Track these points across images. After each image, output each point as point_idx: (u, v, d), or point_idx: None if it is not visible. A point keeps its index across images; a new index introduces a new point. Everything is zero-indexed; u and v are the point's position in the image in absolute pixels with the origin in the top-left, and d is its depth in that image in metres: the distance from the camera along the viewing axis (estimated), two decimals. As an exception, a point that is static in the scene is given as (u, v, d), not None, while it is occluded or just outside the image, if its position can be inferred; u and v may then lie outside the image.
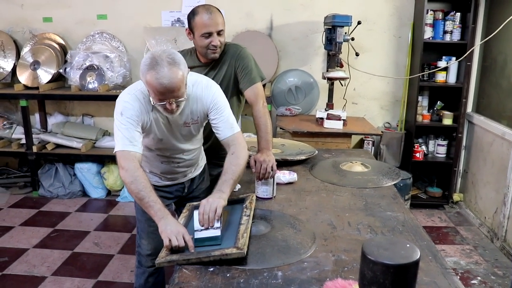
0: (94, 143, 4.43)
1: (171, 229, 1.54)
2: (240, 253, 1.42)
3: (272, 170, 2.00)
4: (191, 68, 2.25)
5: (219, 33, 2.18)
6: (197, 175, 2.27)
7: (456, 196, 4.32)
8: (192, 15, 2.19)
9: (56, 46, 4.37)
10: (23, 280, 2.97)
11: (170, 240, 1.51)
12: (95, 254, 3.35)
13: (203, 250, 1.48)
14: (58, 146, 4.40)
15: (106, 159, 4.39)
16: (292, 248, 1.54)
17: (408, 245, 1.11)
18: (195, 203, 1.94)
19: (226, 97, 2.35)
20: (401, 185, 3.65)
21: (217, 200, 1.65)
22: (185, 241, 1.52)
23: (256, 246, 1.54)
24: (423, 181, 4.50)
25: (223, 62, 2.32)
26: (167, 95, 1.67)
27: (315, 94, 4.32)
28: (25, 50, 4.40)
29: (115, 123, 1.77)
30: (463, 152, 4.30)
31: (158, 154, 2.02)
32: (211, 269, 1.42)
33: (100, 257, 3.30)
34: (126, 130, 1.73)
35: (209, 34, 2.16)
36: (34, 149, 4.30)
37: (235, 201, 1.89)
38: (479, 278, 3.11)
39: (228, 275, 1.38)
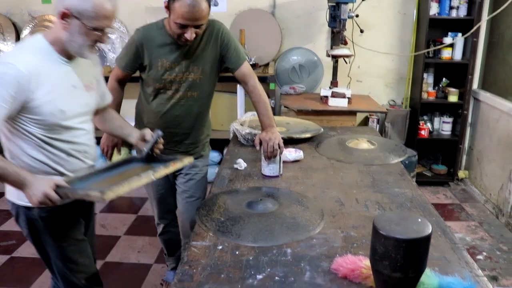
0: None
1: (37, 193, 1.43)
2: (100, 198, 1.36)
3: (279, 147, 1.98)
4: (163, 45, 2.07)
5: (197, 26, 1.95)
6: None
7: (461, 173, 4.31)
8: None
9: (57, 27, 4.32)
10: (31, 263, 2.99)
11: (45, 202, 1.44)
12: (102, 235, 3.36)
13: (78, 188, 1.47)
14: (61, 128, 4.38)
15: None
16: (301, 225, 1.53)
17: (419, 220, 1.10)
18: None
19: (212, 77, 2.23)
20: (407, 162, 3.63)
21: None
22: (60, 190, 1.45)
23: (264, 224, 1.53)
24: (428, 159, 4.48)
25: (206, 41, 2.12)
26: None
27: (319, 72, 4.28)
28: (25, 33, 4.34)
29: None
30: (468, 129, 4.27)
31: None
32: (220, 247, 1.41)
33: (107, 238, 3.32)
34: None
35: (184, 26, 1.93)
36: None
37: (164, 159, 1.79)
38: (484, 253, 3.12)
39: (237, 252, 1.38)
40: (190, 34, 1.94)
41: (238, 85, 3.74)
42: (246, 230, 1.49)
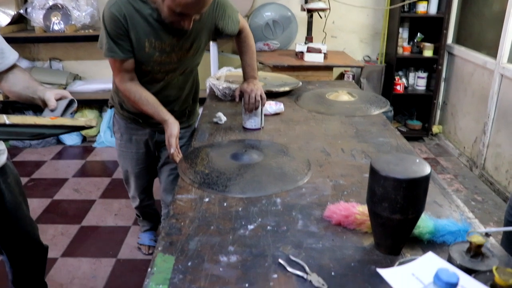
0: (65, 88, 4.22)
1: None
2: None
3: (261, 99, 1.90)
4: (149, 21, 1.68)
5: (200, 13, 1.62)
6: None
7: (435, 128, 4.35)
8: None
9: (14, -17, 4.04)
10: None
11: None
12: (76, 200, 3.26)
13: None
14: (26, 92, 4.17)
15: (79, 104, 4.19)
16: (288, 175, 1.48)
17: (417, 160, 1.06)
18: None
19: (204, 49, 1.95)
20: (383, 118, 3.63)
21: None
22: None
23: (251, 174, 1.47)
24: (403, 114, 4.50)
25: (201, 16, 1.71)
26: None
27: (293, 28, 4.17)
28: None
29: None
30: (442, 84, 4.29)
31: None
32: (207, 199, 1.35)
33: (81, 203, 3.22)
34: None
35: (185, 15, 1.57)
36: (0, 97, 4.07)
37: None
38: (460, 204, 3.19)
39: (225, 204, 1.32)
40: (189, 24, 1.60)
41: (211, 42, 3.60)
42: (233, 181, 1.43)
